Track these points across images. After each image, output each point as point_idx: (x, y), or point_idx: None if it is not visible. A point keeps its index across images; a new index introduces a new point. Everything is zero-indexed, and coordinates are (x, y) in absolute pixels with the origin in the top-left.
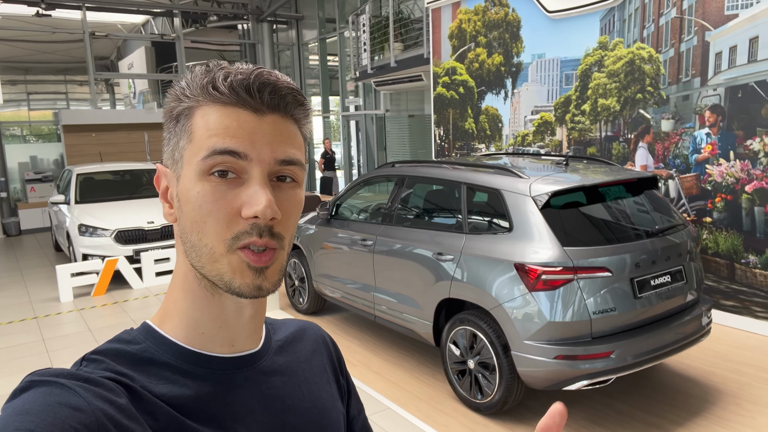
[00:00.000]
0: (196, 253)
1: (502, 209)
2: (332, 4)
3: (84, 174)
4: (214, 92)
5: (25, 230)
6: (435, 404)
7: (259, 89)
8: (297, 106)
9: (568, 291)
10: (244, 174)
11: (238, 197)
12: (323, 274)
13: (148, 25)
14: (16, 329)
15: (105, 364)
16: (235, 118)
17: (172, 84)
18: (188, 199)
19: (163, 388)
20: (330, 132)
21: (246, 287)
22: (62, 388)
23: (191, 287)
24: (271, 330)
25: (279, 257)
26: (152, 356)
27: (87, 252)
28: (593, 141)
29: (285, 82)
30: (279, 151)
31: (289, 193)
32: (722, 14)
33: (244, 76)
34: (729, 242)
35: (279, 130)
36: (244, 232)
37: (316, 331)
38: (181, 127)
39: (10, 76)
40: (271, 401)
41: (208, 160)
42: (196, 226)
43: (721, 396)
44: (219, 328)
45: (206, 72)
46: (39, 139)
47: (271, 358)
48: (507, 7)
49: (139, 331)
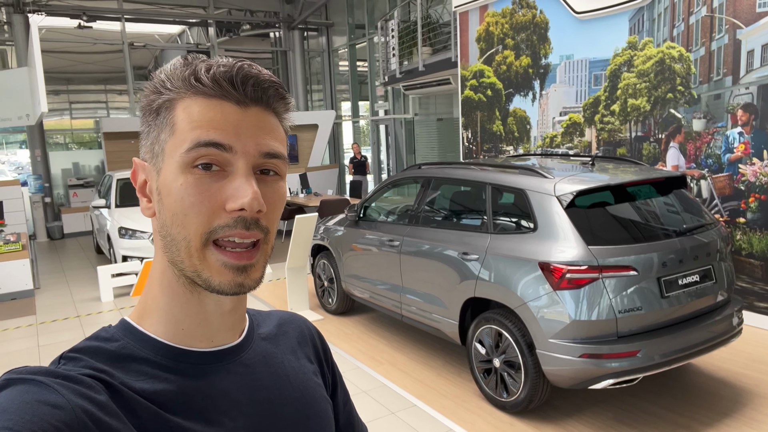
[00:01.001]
0: (175, 247)
1: (526, 209)
2: (362, 10)
3: (124, 179)
4: (197, 84)
5: (68, 234)
6: (461, 402)
7: (242, 81)
8: (278, 99)
9: (593, 290)
10: (229, 167)
11: (222, 190)
12: (352, 274)
13: (184, 35)
14: (59, 327)
15: (84, 361)
16: (219, 111)
17: (149, 77)
18: (170, 191)
19: (143, 384)
20: (360, 137)
21: (226, 285)
22: (40, 386)
23: (170, 284)
24: (255, 322)
25: (263, 251)
26: (131, 353)
27: (126, 254)
28: (623, 141)
29: (267, 75)
30: (263, 144)
31: (273, 186)
32: (754, 11)
33: (227, 68)
34: (763, 243)
35: (262, 123)
36: (224, 225)
37: (301, 323)
38: (162, 119)
39: (54, 86)
40: (257, 392)
41: (192, 153)
42: (177, 219)
43: (753, 398)
44: (199, 324)
45: (187, 64)
46: (81, 147)
47: (254, 350)
48: (534, 9)
49: (118, 328)
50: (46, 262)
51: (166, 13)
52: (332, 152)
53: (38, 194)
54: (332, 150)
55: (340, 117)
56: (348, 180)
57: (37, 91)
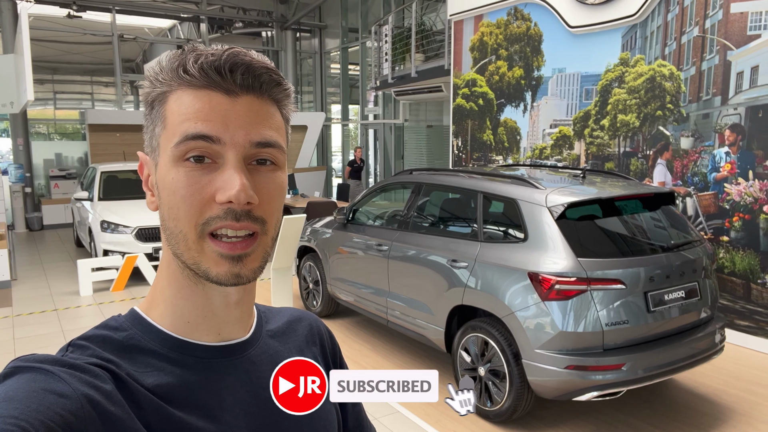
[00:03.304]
0: (174, 239)
1: (517, 218)
2: (356, 14)
3: (108, 172)
4: (185, 75)
5: (48, 225)
6: (444, 410)
7: (231, 69)
8: (274, 85)
9: (581, 302)
10: (219, 158)
11: (212, 183)
12: (338, 277)
13: (175, 30)
14: (36, 320)
15: (91, 350)
16: (207, 101)
17: (138, 69)
18: (164, 185)
19: (148, 376)
20: (348, 140)
21: (223, 276)
22: (47, 374)
23: (175, 275)
24: (264, 318)
25: (262, 242)
26: (138, 343)
27: (108, 248)
28: (611, 156)
29: (260, 62)
30: (254, 134)
31: (269, 176)
32: (744, 34)
33: (215, 57)
34: (746, 262)
35: (254, 112)
36: (216, 217)
37: (312, 321)
38: (156, 113)
39: (39, 75)
40: (262, 390)
41: (181, 146)
42: (172, 212)
43: (733, 415)
44: (204, 317)
45: (178, 55)
46: (64, 138)
47: (261, 347)
48: (529, 22)
49: (126, 317)
50: (25, 254)
51: (158, 6)
52: (320, 154)
53: (18, 184)
54: (320, 152)
55: (329, 120)
56: (335, 183)
57: (24, 80)
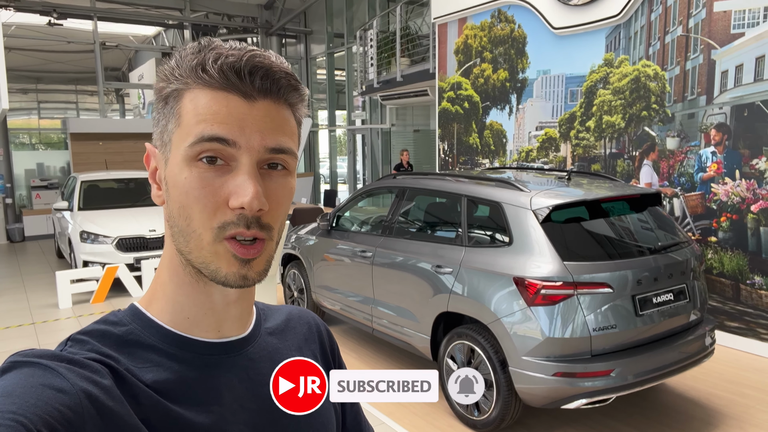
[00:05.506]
0: (184, 238)
1: (502, 222)
2: (341, 19)
3: (88, 181)
4: (204, 75)
5: (29, 237)
6: (431, 420)
7: (250, 72)
8: (291, 90)
9: (567, 306)
10: (233, 161)
11: (226, 186)
12: (322, 285)
13: (159, 37)
14: (12, 334)
15: (90, 345)
16: (224, 104)
17: (163, 61)
18: (175, 183)
19: (147, 371)
20: (336, 146)
21: (232, 277)
22: (45, 370)
23: (176, 271)
24: (263, 315)
25: (267, 248)
26: (138, 338)
27: (88, 259)
28: (597, 158)
29: (279, 66)
30: (269, 139)
31: (280, 181)
32: (728, 33)
33: (235, 58)
34: (734, 262)
35: (271, 117)
36: (231, 222)
37: (310, 319)
38: (170, 109)
39: (22, 84)
40: (260, 387)
41: (196, 147)
42: (183, 212)
43: (724, 419)
44: (204, 313)
45: (197, 52)
46: (48, 147)
47: (259, 344)
48: (513, 24)
49: (126, 312)
50: (4, 266)
51: (141, 13)
52: (307, 161)
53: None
54: (307, 159)
55: (316, 125)
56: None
57: None
